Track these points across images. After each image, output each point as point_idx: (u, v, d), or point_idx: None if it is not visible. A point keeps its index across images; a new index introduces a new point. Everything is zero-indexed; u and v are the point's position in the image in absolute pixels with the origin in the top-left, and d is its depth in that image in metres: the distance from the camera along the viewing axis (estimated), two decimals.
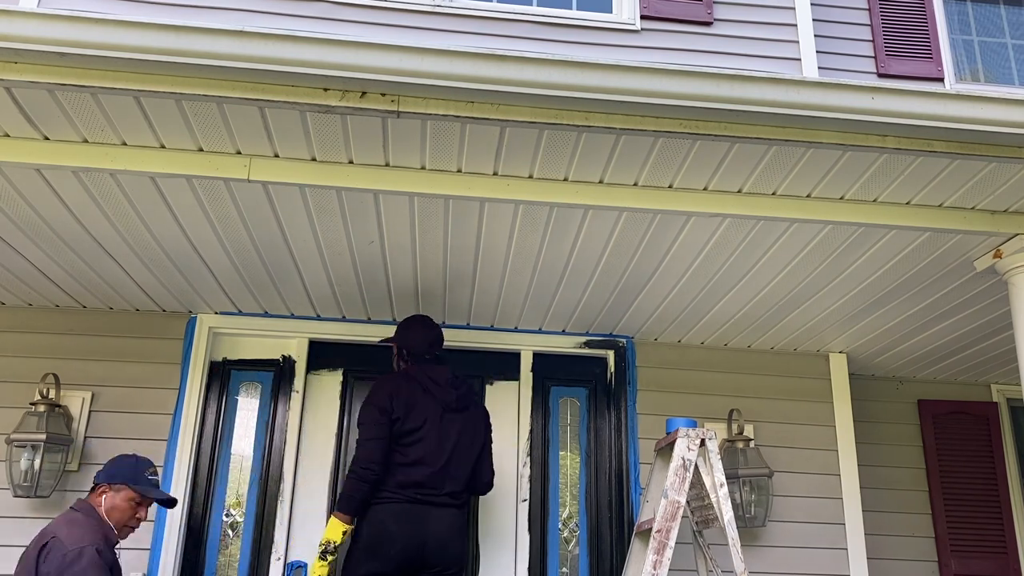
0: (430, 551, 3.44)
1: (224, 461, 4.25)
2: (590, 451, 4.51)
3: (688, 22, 5.31)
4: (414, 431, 3.51)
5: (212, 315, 4.33)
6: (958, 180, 2.98)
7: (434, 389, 3.61)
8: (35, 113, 2.70)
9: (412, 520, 3.44)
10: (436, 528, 3.46)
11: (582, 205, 3.11)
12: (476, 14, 5.15)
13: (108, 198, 3.11)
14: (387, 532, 3.41)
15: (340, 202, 3.14)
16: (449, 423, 3.59)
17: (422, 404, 3.56)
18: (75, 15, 2.46)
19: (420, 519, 3.45)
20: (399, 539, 3.40)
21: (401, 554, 3.40)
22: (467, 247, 3.52)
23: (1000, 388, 5.13)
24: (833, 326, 4.26)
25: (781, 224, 3.22)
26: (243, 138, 2.84)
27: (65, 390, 4.04)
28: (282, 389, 4.37)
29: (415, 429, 3.51)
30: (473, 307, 4.23)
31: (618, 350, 4.56)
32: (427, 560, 3.44)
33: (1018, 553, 4.81)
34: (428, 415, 3.55)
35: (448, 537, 3.47)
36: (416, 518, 3.44)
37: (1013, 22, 5.94)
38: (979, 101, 2.74)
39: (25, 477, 3.80)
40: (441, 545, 3.45)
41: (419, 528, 3.43)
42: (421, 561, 3.44)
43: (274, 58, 2.50)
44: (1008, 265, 3.26)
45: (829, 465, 4.46)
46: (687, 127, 2.72)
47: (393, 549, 3.40)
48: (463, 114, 2.66)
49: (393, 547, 3.40)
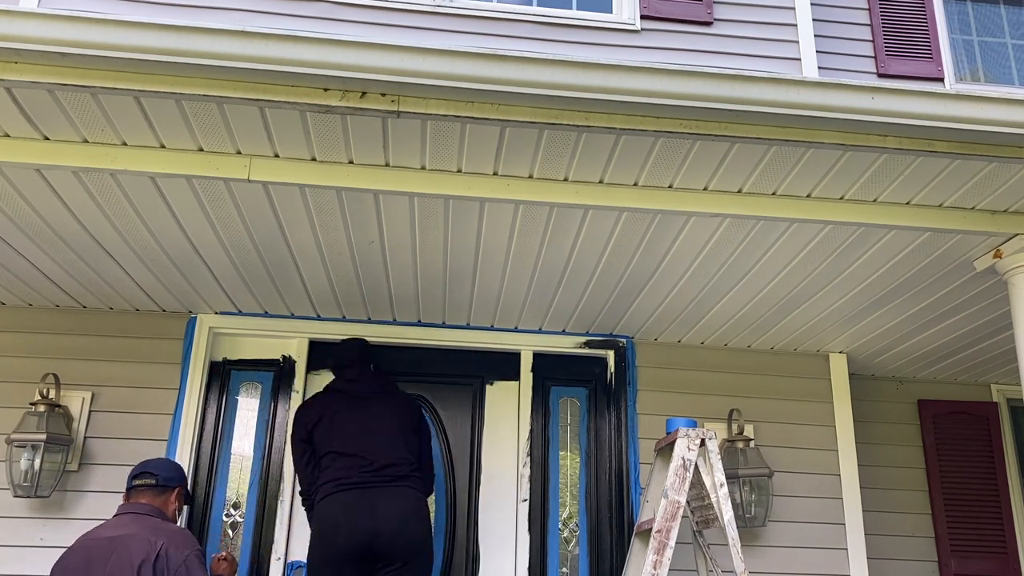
0: (383, 537, 3.46)
1: (224, 461, 4.25)
2: (590, 451, 4.51)
3: (688, 22, 5.31)
4: (328, 431, 3.71)
5: (212, 315, 4.33)
6: (958, 180, 2.98)
7: (345, 387, 3.89)
8: (35, 113, 2.70)
9: (359, 507, 3.50)
10: (386, 513, 3.49)
11: (582, 205, 3.11)
12: (476, 14, 5.15)
13: (108, 198, 3.11)
14: (332, 521, 3.52)
15: (340, 202, 3.14)
16: (359, 408, 3.78)
17: (331, 407, 3.79)
18: (75, 15, 2.46)
19: (367, 507, 3.50)
20: (345, 526, 3.48)
21: (350, 541, 3.46)
22: (467, 247, 3.52)
23: (1000, 388, 5.12)
24: (833, 326, 4.26)
25: (781, 224, 3.22)
26: (243, 138, 2.84)
27: (65, 390, 4.04)
28: (282, 389, 4.37)
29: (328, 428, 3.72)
30: (473, 307, 4.23)
31: (618, 350, 4.56)
32: (380, 548, 3.46)
33: (1018, 553, 4.81)
34: (335, 411, 3.76)
35: (400, 522, 3.49)
36: (362, 505, 3.50)
37: (1013, 22, 5.94)
38: (979, 101, 2.74)
39: (25, 477, 3.80)
40: (393, 533, 3.47)
41: (366, 515, 3.48)
42: (374, 549, 3.47)
43: (274, 58, 2.50)
44: (1008, 265, 3.26)
45: (829, 465, 4.46)
46: (687, 127, 2.72)
47: (339, 538, 3.48)
48: (463, 114, 2.66)
49: (339, 536, 3.48)
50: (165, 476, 3.25)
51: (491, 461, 4.42)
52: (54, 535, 3.87)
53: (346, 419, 3.74)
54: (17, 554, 3.84)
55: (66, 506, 3.95)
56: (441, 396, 4.51)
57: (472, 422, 4.49)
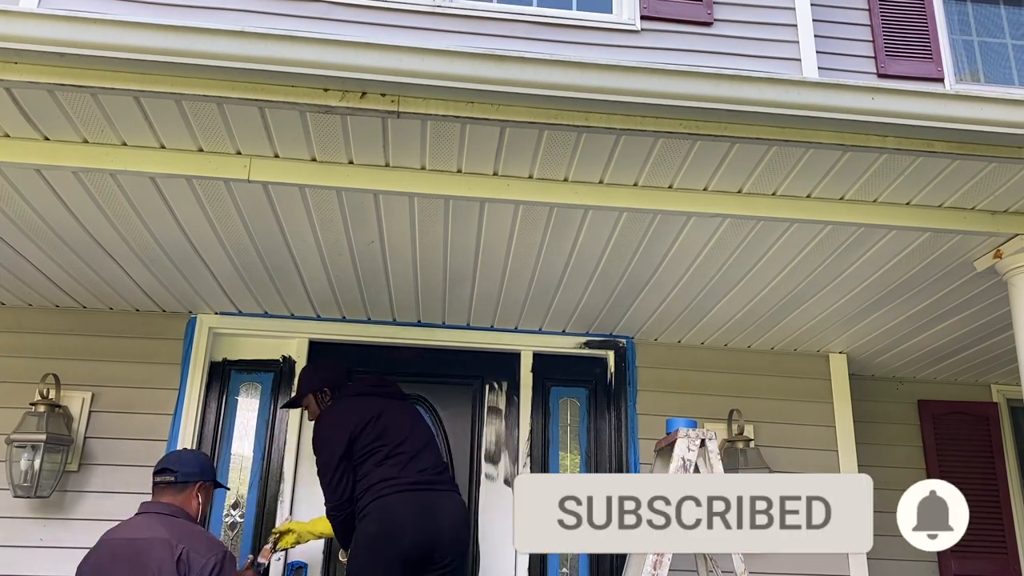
0: (442, 544, 3.41)
1: (224, 461, 4.25)
2: (590, 451, 4.51)
3: (688, 22, 5.31)
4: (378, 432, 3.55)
5: (212, 315, 4.33)
6: (958, 180, 2.98)
7: (378, 390, 3.74)
8: (35, 113, 2.70)
9: (421, 509, 3.41)
10: (448, 518, 3.46)
11: (582, 205, 3.11)
12: (476, 14, 5.15)
13: (108, 198, 3.10)
14: (399, 522, 3.39)
15: (340, 202, 3.14)
16: (400, 410, 3.70)
17: (371, 408, 3.61)
18: (75, 15, 2.45)
19: (431, 510, 3.43)
20: (410, 530, 3.37)
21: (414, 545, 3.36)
22: (467, 247, 3.52)
23: (1000, 388, 5.12)
24: (833, 326, 4.26)
25: (781, 224, 3.22)
26: (243, 138, 2.84)
27: (65, 390, 4.04)
28: (282, 389, 4.37)
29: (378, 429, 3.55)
30: (473, 307, 4.23)
31: (618, 350, 4.55)
32: (438, 552, 3.41)
33: (1018, 553, 4.81)
34: (379, 412, 3.60)
35: (459, 528, 3.50)
36: (427, 509, 3.42)
37: (1013, 22, 5.94)
38: (979, 101, 2.74)
39: (25, 477, 3.80)
40: (453, 536, 3.46)
41: (431, 519, 3.41)
42: (431, 553, 3.40)
43: (274, 58, 2.50)
44: (1008, 265, 3.26)
45: (829, 465, 4.45)
46: (687, 127, 2.72)
47: (404, 541, 3.35)
48: (463, 114, 2.65)
49: (404, 539, 3.36)
50: (184, 472, 3.16)
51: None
52: (54, 535, 3.87)
53: (397, 420, 3.61)
54: (17, 554, 3.84)
55: (66, 506, 3.95)
56: (441, 396, 4.51)
57: (472, 422, 4.49)
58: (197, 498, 3.18)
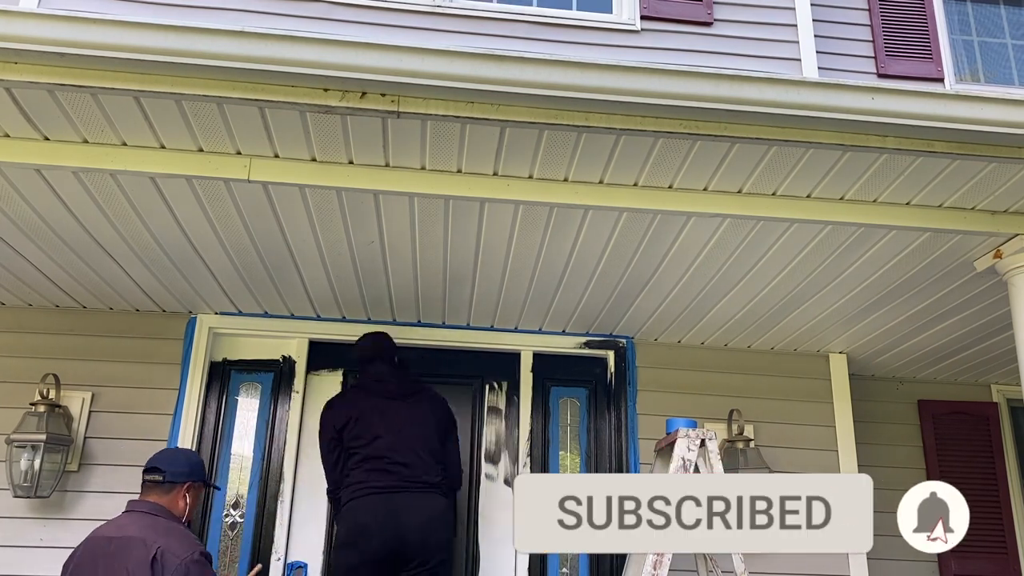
0: (410, 544, 3.46)
1: (224, 461, 4.25)
2: (590, 451, 4.51)
3: (688, 22, 5.31)
4: (357, 432, 3.65)
5: (212, 315, 4.33)
6: (958, 180, 2.98)
7: (374, 387, 3.80)
8: (35, 113, 2.70)
9: (386, 511, 3.48)
10: (414, 518, 3.48)
11: (582, 205, 3.11)
12: (476, 14, 5.15)
13: (108, 198, 3.11)
14: (361, 527, 3.49)
15: (340, 202, 3.14)
16: (387, 409, 3.72)
17: (358, 407, 3.72)
18: (75, 15, 2.45)
19: (394, 513, 3.48)
20: (375, 532, 3.46)
21: (379, 547, 3.44)
22: (467, 247, 3.52)
23: (1000, 388, 5.12)
24: (833, 326, 4.26)
25: (781, 224, 3.22)
26: (243, 138, 2.84)
27: (65, 390, 4.04)
28: (282, 389, 4.37)
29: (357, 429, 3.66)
30: (473, 307, 4.23)
31: (618, 350, 4.55)
32: (407, 553, 3.46)
33: (1018, 553, 4.81)
34: (363, 411, 3.69)
35: (426, 530, 3.49)
36: (390, 512, 3.48)
37: (1013, 22, 5.94)
38: (979, 101, 2.74)
39: (25, 477, 3.80)
40: (421, 536, 3.48)
41: (393, 522, 3.46)
42: (401, 554, 3.46)
43: (274, 58, 2.50)
44: (1008, 265, 3.26)
45: (829, 465, 4.45)
46: (687, 127, 2.72)
47: (370, 543, 3.45)
48: (463, 114, 2.65)
49: (369, 541, 3.46)
50: (173, 472, 3.13)
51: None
52: (54, 535, 3.86)
53: (375, 421, 3.66)
54: (17, 554, 3.84)
55: (66, 506, 3.95)
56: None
57: (472, 422, 4.49)
58: (185, 498, 3.14)
